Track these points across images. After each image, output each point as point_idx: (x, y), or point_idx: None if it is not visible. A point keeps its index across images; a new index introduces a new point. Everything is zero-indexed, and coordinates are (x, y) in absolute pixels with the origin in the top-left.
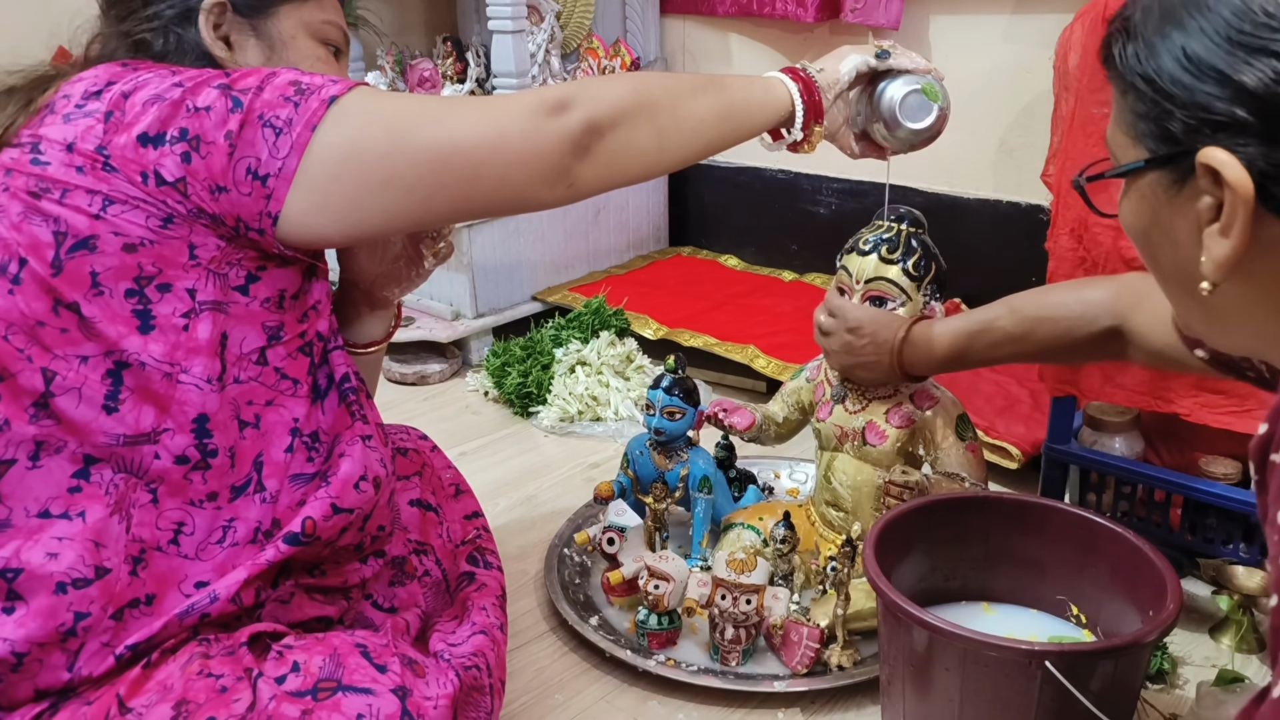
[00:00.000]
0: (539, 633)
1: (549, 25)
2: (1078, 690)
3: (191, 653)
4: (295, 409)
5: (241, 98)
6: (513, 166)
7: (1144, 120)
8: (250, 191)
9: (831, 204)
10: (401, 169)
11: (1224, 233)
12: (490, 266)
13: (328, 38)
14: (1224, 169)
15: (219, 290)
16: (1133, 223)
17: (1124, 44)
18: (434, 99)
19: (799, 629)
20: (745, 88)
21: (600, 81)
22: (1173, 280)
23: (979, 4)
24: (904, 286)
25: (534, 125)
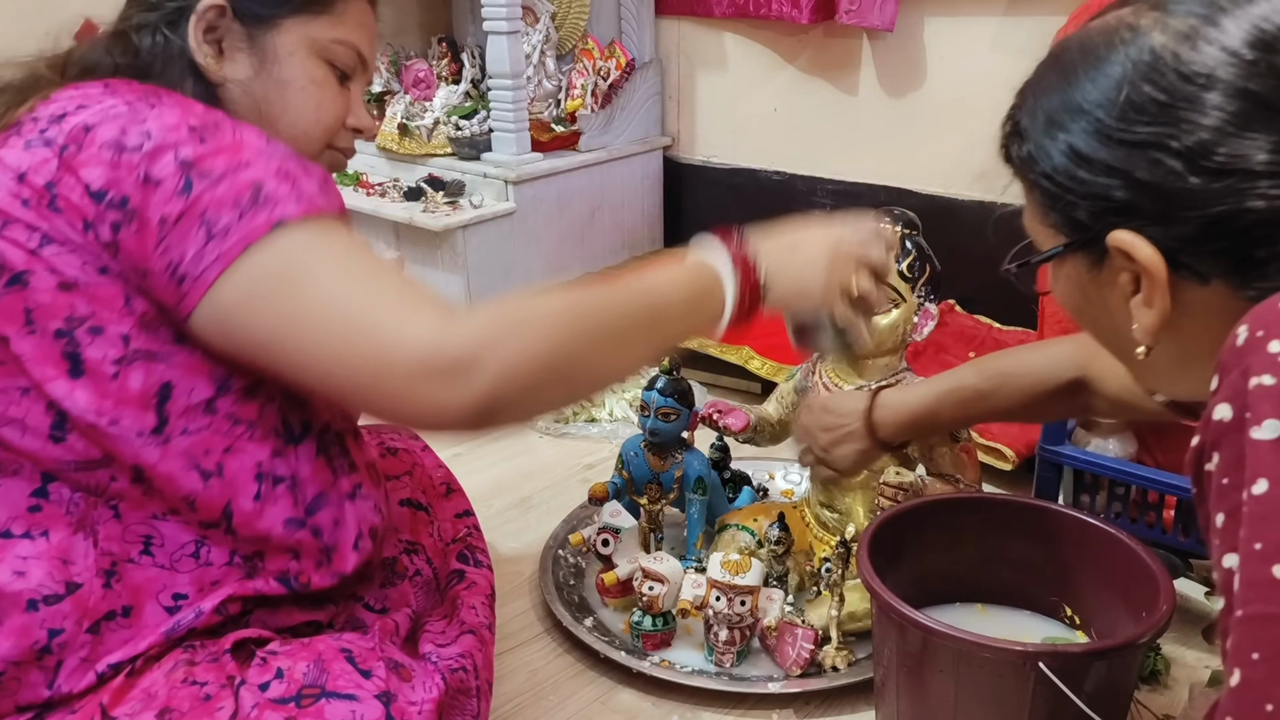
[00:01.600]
0: (533, 634)
1: (544, 26)
2: (1071, 691)
3: (176, 660)
4: (256, 452)
5: (196, 182)
6: (385, 406)
7: (1052, 211)
8: (166, 285)
9: (827, 205)
10: (284, 337)
11: (1147, 303)
12: (485, 267)
13: (335, 59)
14: (1133, 249)
15: (154, 340)
16: (1066, 301)
17: (1019, 146)
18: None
19: (793, 630)
20: (685, 315)
21: (513, 331)
22: (1115, 347)
23: (973, 6)
24: (898, 288)
25: (416, 384)
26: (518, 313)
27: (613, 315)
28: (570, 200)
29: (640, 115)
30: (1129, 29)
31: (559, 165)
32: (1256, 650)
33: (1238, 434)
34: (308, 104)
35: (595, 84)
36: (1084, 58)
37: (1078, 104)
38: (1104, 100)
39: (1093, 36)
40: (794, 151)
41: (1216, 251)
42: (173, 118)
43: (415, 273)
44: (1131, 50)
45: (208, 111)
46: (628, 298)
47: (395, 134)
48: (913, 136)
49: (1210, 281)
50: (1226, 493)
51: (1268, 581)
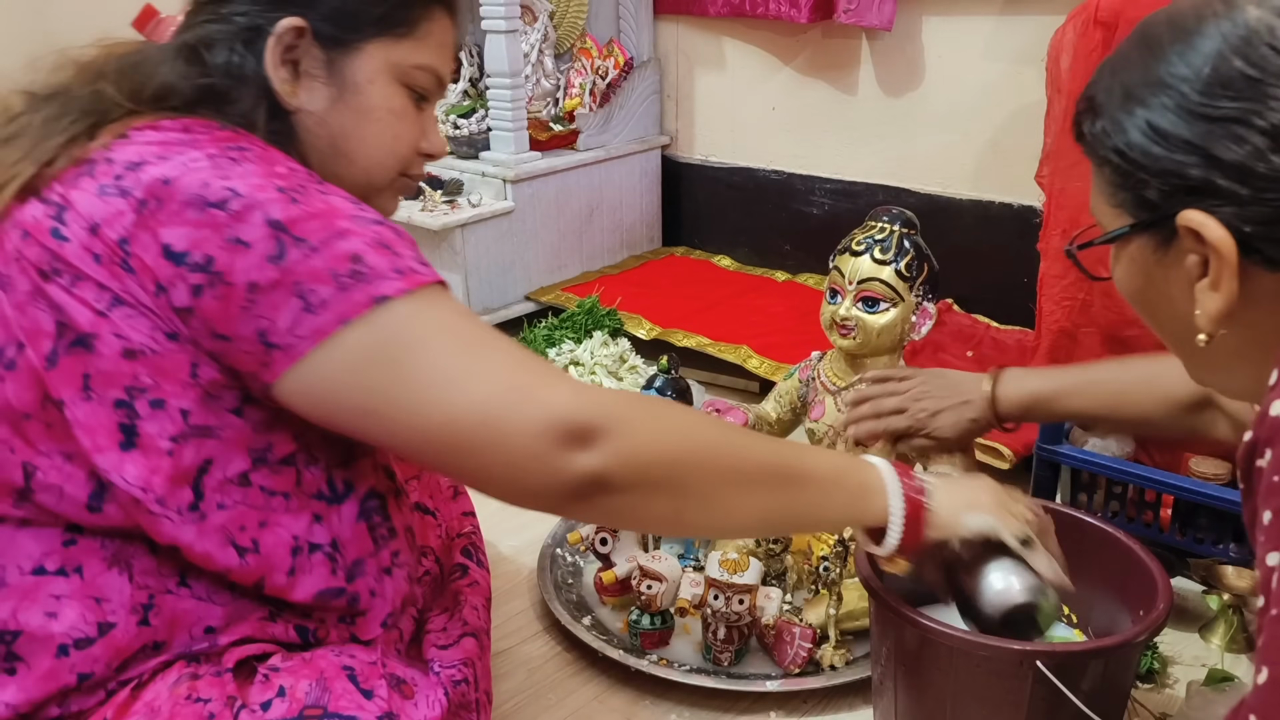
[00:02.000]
0: (531, 633)
1: (542, 25)
2: (1069, 690)
3: (180, 673)
4: (292, 524)
5: (289, 251)
6: (493, 476)
7: (1121, 190)
8: (250, 351)
9: (825, 204)
10: (391, 411)
11: (1213, 287)
12: (483, 266)
13: (415, 83)
14: (1204, 229)
15: (213, 414)
16: (1127, 285)
17: (1093, 122)
18: (475, 336)
19: (791, 629)
20: (827, 491)
21: (648, 431)
22: (1172, 334)
23: (971, 6)
24: (896, 287)
25: (541, 446)
26: (658, 405)
27: (745, 457)
28: (568, 199)
29: (638, 114)
30: (1224, 3)
31: (557, 164)
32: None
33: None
34: (384, 135)
35: (593, 83)
36: (1172, 32)
37: (1161, 78)
38: (1190, 75)
39: (1183, 11)
40: (792, 150)
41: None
42: (259, 175)
43: None
44: (1225, 24)
45: (292, 171)
46: (770, 449)
47: None
48: (911, 136)
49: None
50: (1277, 490)
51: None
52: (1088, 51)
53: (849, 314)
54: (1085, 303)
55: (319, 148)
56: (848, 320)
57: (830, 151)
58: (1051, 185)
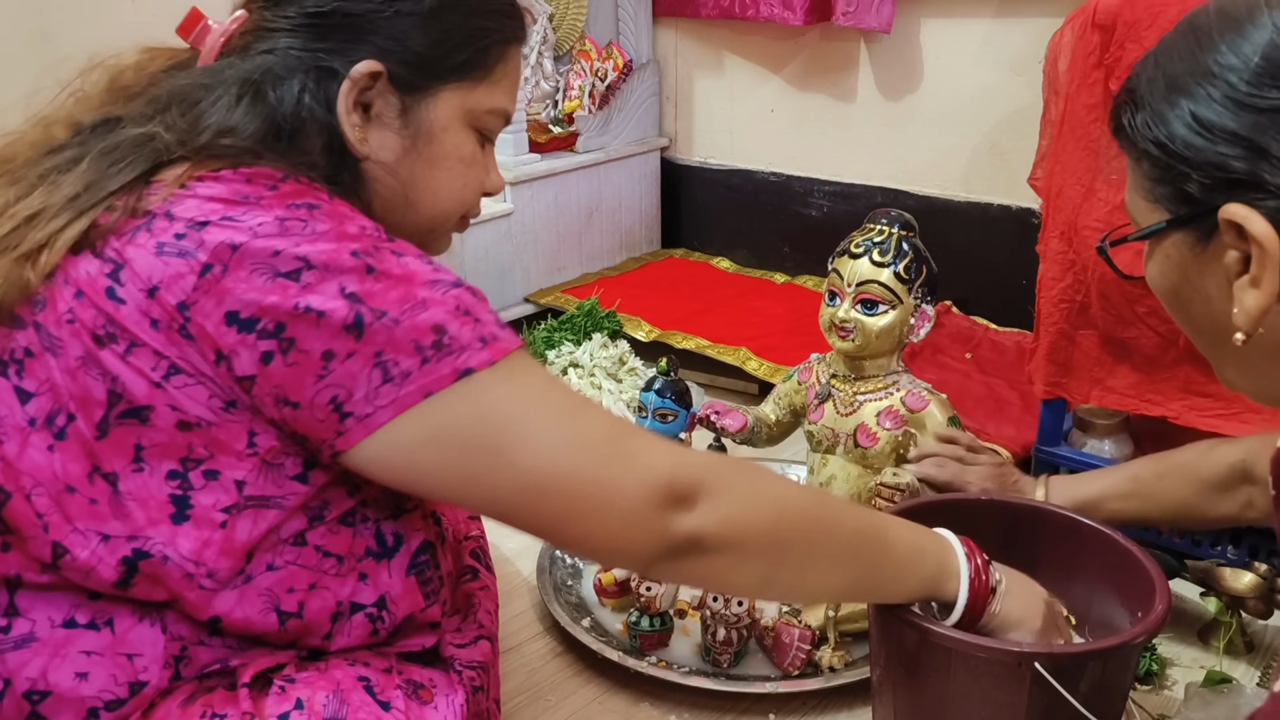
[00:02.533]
0: (531, 634)
1: (541, 27)
2: (1067, 692)
3: (191, 690)
4: (340, 589)
5: (367, 322)
6: (594, 536)
7: (1160, 184)
8: (324, 419)
9: (823, 206)
10: (491, 480)
11: (1254, 284)
12: (483, 268)
13: (485, 127)
14: (1247, 223)
15: (272, 484)
16: (1161, 282)
17: (1133, 114)
18: (569, 404)
19: (790, 630)
20: (908, 569)
21: (746, 496)
22: (1207, 335)
23: (969, 8)
24: (895, 290)
25: (644, 508)
26: (756, 470)
27: (835, 530)
28: (568, 201)
29: (638, 116)
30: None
31: (556, 166)
32: None
33: None
34: (454, 184)
35: (593, 85)
36: (1222, 22)
37: (1208, 69)
38: (1239, 65)
39: (1234, 2)
40: (791, 152)
41: None
42: (331, 239)
43: None
44: (1278, 13)
45: (363, 231)
46: (861, 521)
47: None
48: (909, 138)
49: None
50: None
51: None
52: (1085, 54)
53: (848, 316)
54: (1084, 305)
55: (385, 196)
56: (846, 322)
57: (829, 154)
58: (1049, 188)
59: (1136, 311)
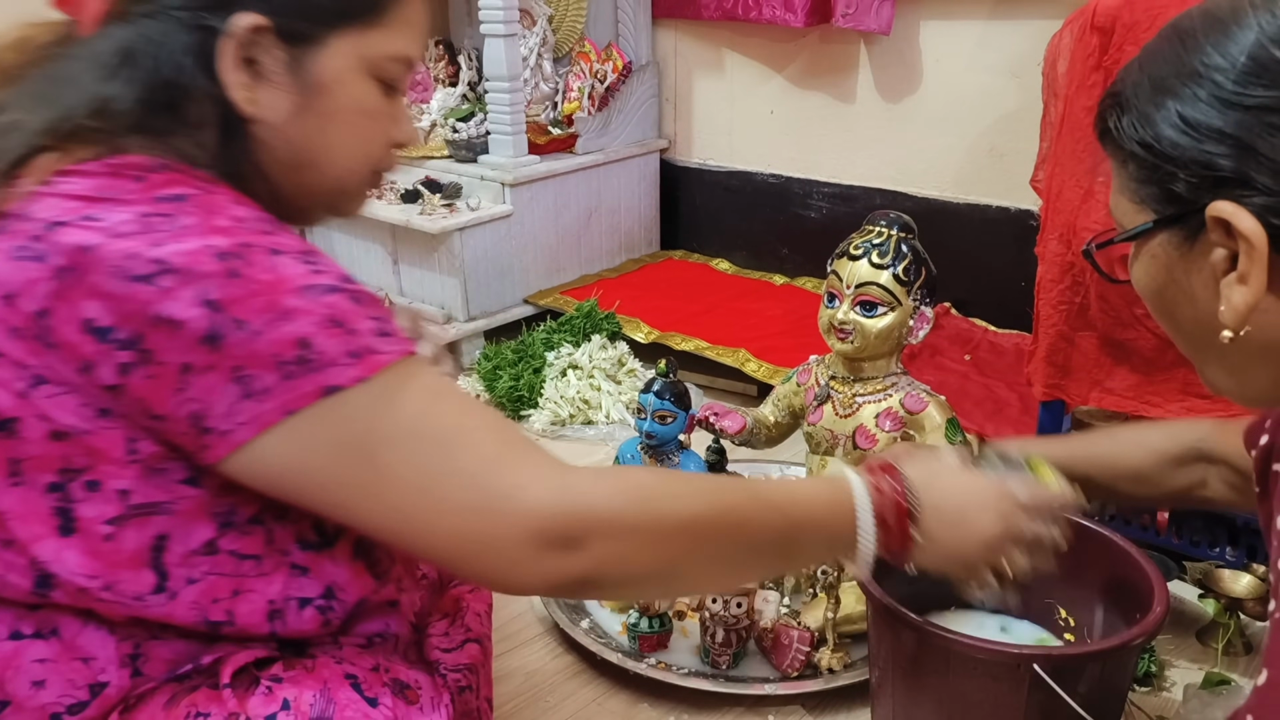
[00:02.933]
0: (530, 636)
1: (541, 29)
2: (1066, 693)
3: (173, 691)
4: (268, 589)
5: (227, 333)
6: (475, 574)
7: (1146, 185)
8: (185, 432)
9: (822, 208)
10: (361, 510)
11: (1242, 281)
12: (482, 269)
13: (386, 75)
14: (1235, 220)
15: (158, 489)
16: (1147, 283)
17: (1119, 117)
18: (444, 430)
19: (789, 632)
20: (814, 550)
21: (643, 535)
22: (1192, 335)
23: (969, 10)
24: (894, 291)
25: (523, 553)
26: (657, 497)
27: (748, 537)
28: (567, 203)
29: (637, 118)
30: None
31: (556, 168)
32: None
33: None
34: (355, 139)
35: (592, 87)
36: (1207, 24)
37: (1194, 69)
38: (1226, 64)
39: (1219, 5)
40: (790, 154)
41: None
42: (195, 237)
43: (412, 275)
44: (1264, 16)
45: (236, 224)
46: (773, 523)
47: None
48: (909, 140)
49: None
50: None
51: None
52: (1084, 56)
53: (847, 318)
54: (1082, 306)
55: (284, 159)
56: (845, 324)
57: (828, 155)
58: (1048, 190)
59: (1135, 314)
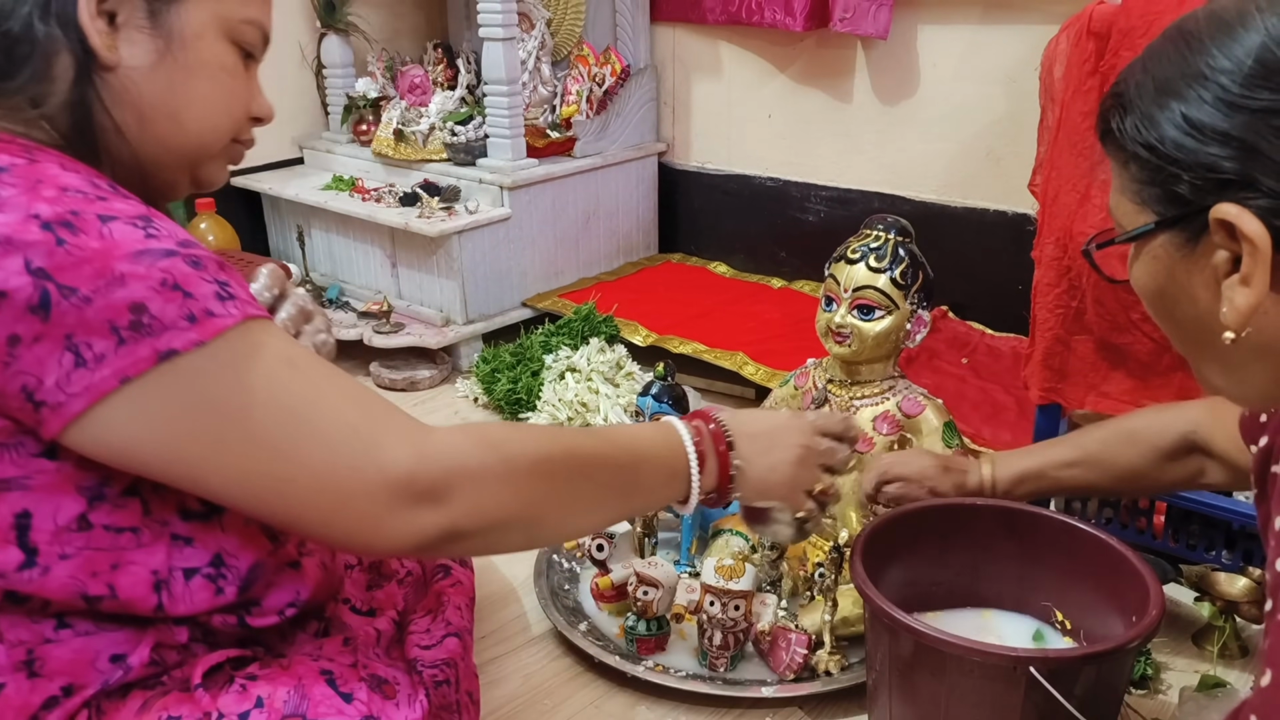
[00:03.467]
0: (528, 639)
1: (539, 32)
2: (1062, 696)
3: (144, 697)
4: (149, 559)
5: (55, 301)
6: (335, 535)
7: (1149, 186)
8: (20, 408)
9: (820, 212)
10: (213, 480)
11: (1245, 282)
12: (480, 273)
13: (243, 39)
14: (1239, 222)
15: (12, 465)
16: (1147, 284)
17: (1121, 118)
18: (298, 398)
19: (787, 635)
20: (657, 487)
21: (497, 479)
22: (1192, 336)
23: (966, 14)
24: (891, 295)
25: (385, 510)
26: (503, 443)
27: (593, 476)
28: (565, 206)
29: (635, 121)
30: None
31: (554, 171)
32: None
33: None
34: (218, 93)
35: (590, 90)
36: (1212, 26)
37: (1200, 71)
38: (1231, 67)
39: (1224, 7)
40: (788, 158)
41: None
42: (17, 208)
43: (410, 279)
44: (1270, 18)
45: (62, 193)
46: (612, 458)
47: (391, 139)
48: (906, 144)
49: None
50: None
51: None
52: (1081, 61)
53: (844, 321)
54: (1079, 310)
55: (144, 112)
56: (843, 328)
57: (826, 159)
58: (1045, 193)
59: (1131, 318)
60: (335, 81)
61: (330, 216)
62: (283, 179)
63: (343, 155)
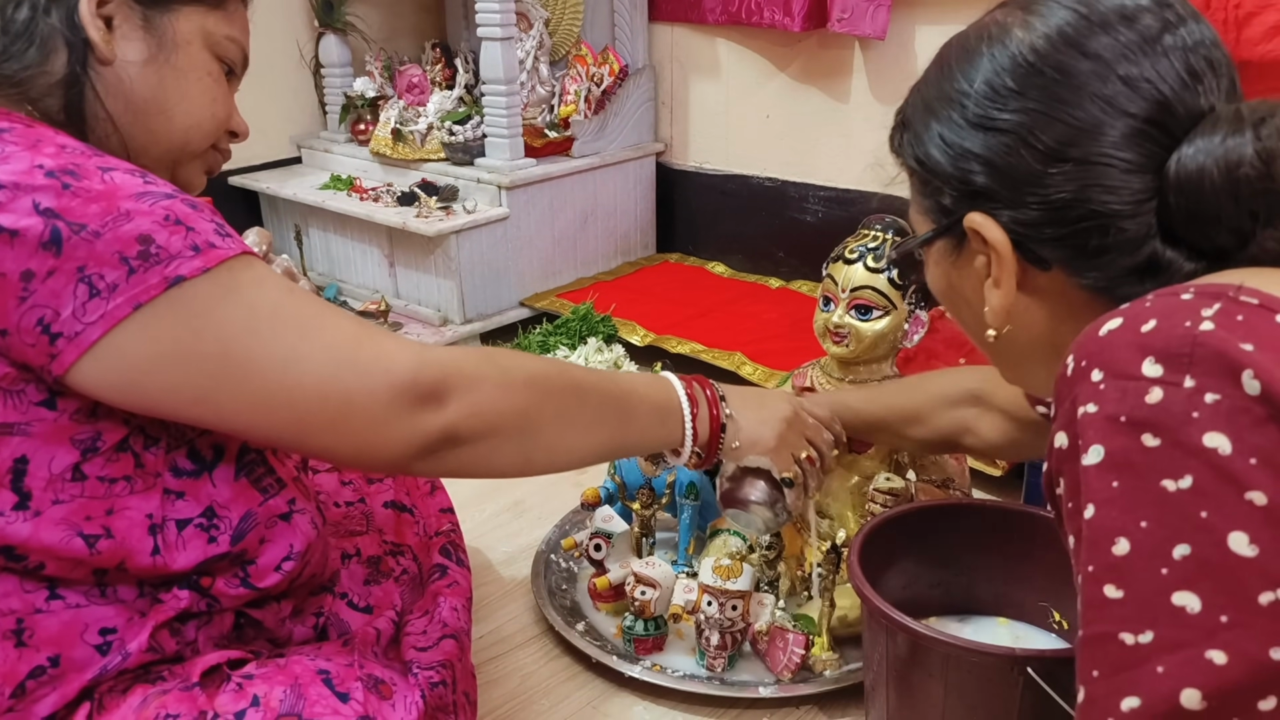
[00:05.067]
0: (525, 638)
1: (538, 32)
2: (1058, 695)
3: (145, 694)
4: (144, 504)
5: (66, 236)
6: (342, 444)
7: (925, 197)
8: (35, 344)
9: (818, 212)
10: (221, 398)
11: (995, 284)
12: (478, 272)
13: (225, 55)
14: (983, 229)
15: (14, 411)
16: (936, 286)
17: (901, 135)
18: (301, 315)
19: (784, 635)
20: (651, 420)
21: (494, 383)
22: (975, 334)
23: (963, 14)
24: (889, 295)
25: (389, 412)
26: (499, 357)
27: (584, 397)
28: (563, 206)
29: (633, 121)
30: (998, 26)
31: (552, 171)
32: (1096, 668)
33: (1073, 461)
34: (205, 95)
35: (589, 90)
36: (958, 52)
37: (948, 93)
38: (969, 90)
39: (969, 34)
40: (786, 158)
41: (1056, 238)
42: (21, 162)
43: (408, 278)
44: (996, 46)
45: (61, 149)
46: (602, 386)
47: (389, 139)
48: None
49: (1050, 268)
50: (1071, 516)
51: (1100, 601)
52: None
53: (842, 322)
54: None
55: (136, 104)
56: (841, 328)
57: (824, 159)
58: None
59: None
60: (333, 81)
61: (328, 216)
62: (280, 178)
63: (341, 155)
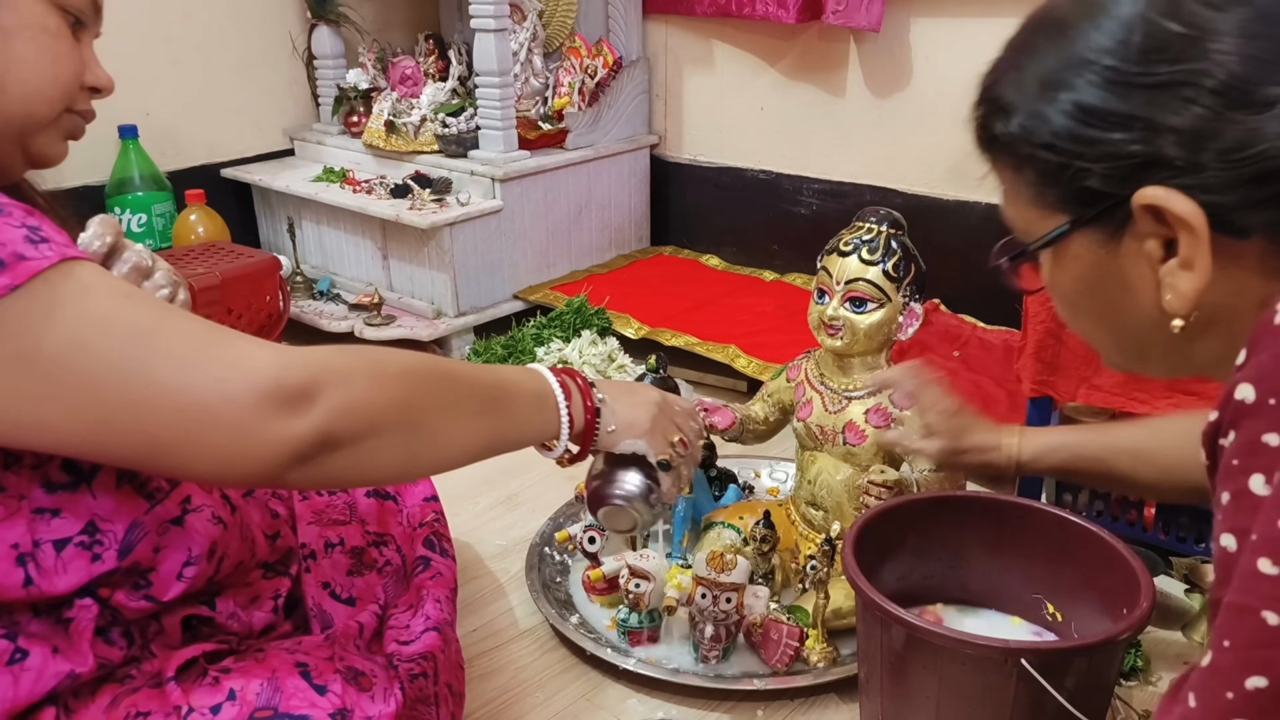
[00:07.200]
0: (519, 631)
1: (531, 24)
2: (1053, 687)
3: (114, 694)
4: (7, 534)
5: None
6: (205, 459)
7: (1051, 187)
8: None
9: (812, 204)
10: (59, 424)
11: (1185, 265)
12: (471, 265)
13: (68, 3)
14: (1168, 204)
15: None
16: (1073, 287)
17: (1006, 123)
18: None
19: (779, 627)
20: (530, 412)
21: (366, 377)
22: (1133, 329)
23: (958, 7)
24: (884, 288)
25: (254, 419)
26: (367, 351)
27: (461, 386)
28: (557, 198)
29: (627, 114)
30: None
31: (546, 163)
32: (1229, 638)
33: (1257, 419)
34: (42, 56)
35: (582, 82)
36: (1081, 8)
37: (1082, 57)
38: (1115, 45)
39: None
40: (780, 151)
41: (1260, 200)
42: None
43: (402, 271)
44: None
45: None
46: (477, 376)
47: (382, 131)
48: (898, 136)
49: (1250, 236)
50: (1234, 475)
51: (1253, 573)
52: None
53: (836, 314)
54: None
55: None
56: (835, 320)
57: (818, 152)
58: None
59: None
60: (326, 73)
61: (321, 208)
62: (273, 171)
63: (333, 147)
